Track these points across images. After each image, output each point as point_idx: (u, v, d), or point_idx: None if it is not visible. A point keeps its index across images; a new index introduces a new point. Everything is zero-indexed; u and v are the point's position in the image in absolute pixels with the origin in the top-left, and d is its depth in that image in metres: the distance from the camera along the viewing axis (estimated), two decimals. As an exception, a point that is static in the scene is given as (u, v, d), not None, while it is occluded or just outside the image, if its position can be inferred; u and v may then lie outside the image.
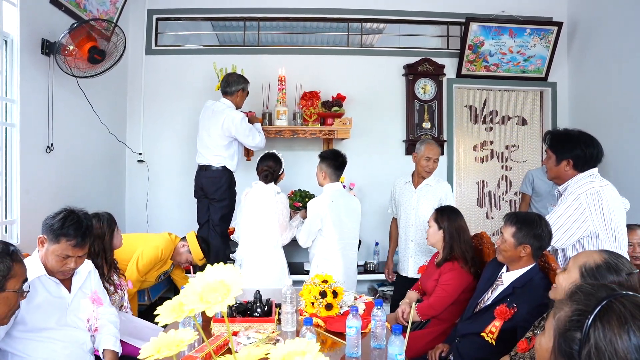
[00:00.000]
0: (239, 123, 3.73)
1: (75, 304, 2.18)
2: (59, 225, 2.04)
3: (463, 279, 2.69)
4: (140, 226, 4.55)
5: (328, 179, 3.31)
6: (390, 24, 4.92)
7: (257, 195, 3.28)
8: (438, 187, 3.43)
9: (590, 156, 2.37)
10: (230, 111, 3.78)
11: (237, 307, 2.25)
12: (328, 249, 3.25)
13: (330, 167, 3.29)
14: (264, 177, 3.29)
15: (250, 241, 3.29)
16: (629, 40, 4.07)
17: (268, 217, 3.24)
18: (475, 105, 5.02)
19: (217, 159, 3.81)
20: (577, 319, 0.98)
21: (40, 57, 3.15)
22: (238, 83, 3.87)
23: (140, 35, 4.67)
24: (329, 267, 3.16)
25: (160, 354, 0.97)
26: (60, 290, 2.13)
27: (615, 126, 4.18)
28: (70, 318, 2.15)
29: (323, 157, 3.36)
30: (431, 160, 3.39)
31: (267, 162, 3.30)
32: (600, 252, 1.68)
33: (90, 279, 2.30)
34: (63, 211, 2.12)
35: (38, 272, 2.05)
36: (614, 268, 1.58)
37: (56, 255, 2.05)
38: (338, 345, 2.08)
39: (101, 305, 2.27)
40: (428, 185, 3.44)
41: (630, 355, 0.88)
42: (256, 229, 3.26)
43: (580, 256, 1.70)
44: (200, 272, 0.98)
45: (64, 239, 2.04)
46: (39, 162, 3.20)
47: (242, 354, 1.08)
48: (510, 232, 2.22)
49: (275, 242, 3.27)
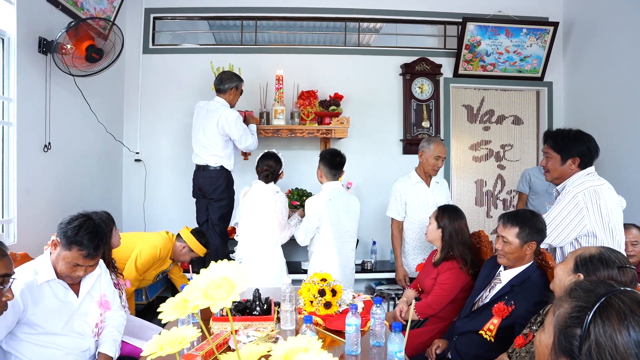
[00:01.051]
0: (234, 122, 3.71)
1: (84, 309, 2.14)
2: (73, 233, 1.98)
3: (461, 278, 2.70)
4: (138, 225, 4.55)
5: (325, 178, 3.35)
6: (387, 23, 4.93)
7: (257, 195, 3.28)
8: (443, 184, 3.66)
9: (594, 151, 2.39)
10: (225, 109, 3.76)
11: (237, 305, 2.25)
12: (326, 247, 3.26)
13: (326, 167, 3.33)
14: (264, 176, 3.28)
15: (249, 240, 3.29)
16: (624, 40, 4.10)
17: (268, 216, 3.24)
18: (472, 104, 5.04)
19: (215, 159, 3.79)
20: (577, 316, 0.99)
21: (38, 55, 3.14)
22: (231, 80, 3.85)
23: (138, 34, 4.66)
24: (327, 264, 3.19)
25: (164, 351, 0.97)
26: (68, 295, 2.09)
27: (611, 125, 4.20)
28: (77, 323, 2.10)
29: (321, 157, 3.40)
30: (440, 159, 3.43)
31: (267, 162, 3.30)
32: (599, 247, 1.71)
33: (100, 282, 2.24)
34: (80, 217, 2.05)
35: (48, 276, 2.01)
36: (606, 260, 1.62)
37: (66, 262, 2.00)
38: (337, 344, 2.08)
39: (108, 310, 2.24)
40: (437, 183, 3.57)
41: (630, 350, 0.89)
42: (256, 228, 3.26)
43: (579, 249, 1.74)
44: (204, 269, 0.98)
45: (76, 248, 1.98)
46: (36, 160, 3.20)
47: (245, 352, 1.09)
48: (513, 233, 2.21)
49: (274, 241, 3.27)
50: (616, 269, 1.59)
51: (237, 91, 3.89)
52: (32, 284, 1.98)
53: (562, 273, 1.70)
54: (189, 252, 3.44)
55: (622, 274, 1.59)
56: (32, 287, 1.98)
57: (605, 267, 1.61)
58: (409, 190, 3.53)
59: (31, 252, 2.42)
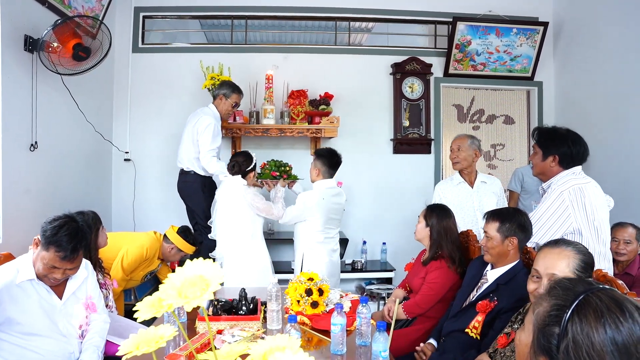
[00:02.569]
0: (203, 129, 3.63)
1: (69, 310, 2.09)
2: (52, 233, 1.91)
3: (449, 277, 2.70)
4: (127, 225, 4.51)
5: (321, 176, 3.37)
6: (378, 22, 4.93)
7: (227, 189, 3.35)
8: (492, 184, 3.39)
9: (576, 154, 2.40)
10: (204, 113, 3.74)
11: (223, 305, 2.24)
12: (313, 239, 3.33)
13: (325, 165, 3.36)
14: (230, 167, 3.36)
15: (226, 235, 3.33)
16: (613, 40, 4.12)
17: (239, 208, 3.30)
18: (462, 104, 5.05)
19: (188, 163, 3.78)
20: (555, 314, 0.98)
21: (23, 53, 3.11)
22: (221, 87, 3.83)
23: (127, 32, 4.63)
24: (314, 256, 3.29)
25: (139, 350, 0.96)
26: (51, 297, 2.04)
27: (600, 125, 4.22)
28: (62, 324, 2.05)
29: (319, 155, 3.42)
30: (453, 150, 3.36)
31: (236, 157, 3.40)
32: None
33: (87, 284, 2.19)
34: (62, 217, 1.99)
35: (28, 275, 1.96)
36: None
37: (43, 263, 1.94)
38: (324, 343, 2.07)
39: (95, 312, 2.20)
40: (483, 183, 3.36)
41: (605, 348, 0.89)
42: (230, 223, 3.31)
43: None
44: (180, 268, 0.97)
45: (53, 248, 1.91)
46: (22, 160, 3.16)
47: (223, 351, 1.08)
48: (494, 227, 2.23)
49: (251, 232, 3.31)
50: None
51: (227, 101, 3.82)
52: (11, 282, 1.94)
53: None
54: (177, 252, 3.43)
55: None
56: (10, 285, 1.93)
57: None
58: (449, 193, 3.38)
59: (16, 252, 2.39)
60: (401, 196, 4.79)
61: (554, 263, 1.68)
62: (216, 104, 3.83)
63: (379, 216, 4.80)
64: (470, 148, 3.30)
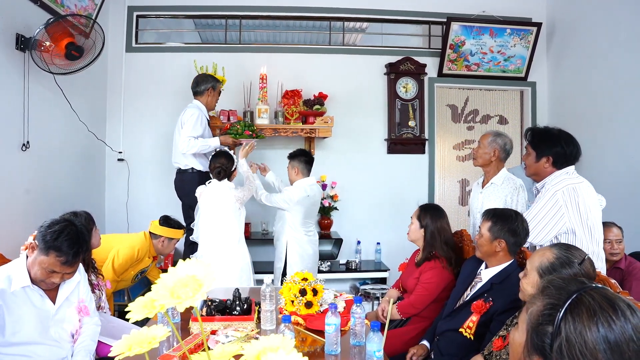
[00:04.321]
0: (189, 117, 3.66)
1: (61, 315, 2.06)
2: (52, 237, 1.88)
3: (444, 277, 2.70)
4: (121, 226, 4.49)
5: (301, 175, 3.63)
6: (372, 23, 4.93)
7: (213, 194, 3.32)
8: (504, 186, 2.91)
9: (569, 154, 2.41)
10: (188, 107, 3.76)
11: (216, 305, 2.23)
12: (296, 230, 3.62)
13: (301, 163, 3.62)
14: (216, 173, 3.32)
15: (210, 240, 3.31)
16: (606, 40, 4.14)
17: (227, 214, 3.29)
18: (456, 104, 5.06)
19: (185, 160, 3.77)
20: (548, 313, 0.99)
21: (15, 52, 3.08)
22: (206, 82, 3.83)
23: (121, 32, 4.61)
24: (296, 245, 3.61)
25: (132, 351, 0.95)
26: (44, 302, 2.00)
27: (593, 125, 4.25)
28: (53, 330, 2.02)
29: (293, 156, 3.66)
30: (477, 146, 3.05)
31: (219, 160, 3.34)
32: (550, 248, 1.73)
33: (79, 288, 2.16)
34: (62, 222, 1.97)
35: (23, 282, 1.93)
36: (566, 262, 1.65)
37: (42, 267, 1.91)
38: (318, 343, 2.07)
39: (87, 315, 2.17)
40: (492, 184, 2.95)
41: (598, 346, 0.90)
42: (216, 227, 3.30)
43: (534, 258, 1.74)
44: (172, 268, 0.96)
45: (54, 253, 1.88)
46: (14, 160, 3.14)
47: (216, 352, 1.07)
48: (486, 226, 2.25)
49: (237, 238, 3.32)
50: (576, 266, 1.63)
51: (215, 92, 3.87)
52: (5, 291, 1.90)
53: (529, 288, 1.72)
54: (169, 242, 3.46)
55: (583, 267, 1.63)
56: (4, 294, 1.90)
57: (568, 268, 1.64)
58: (472, 193, 3.21)
59: (7, 252, 2.38)
60: (395, 196, 4.79)
61: (532, 258, 1.76)
62: (203, 98, 3.82)
63: (373, 216, 4.80)
64: (490, 146, 2.94)
